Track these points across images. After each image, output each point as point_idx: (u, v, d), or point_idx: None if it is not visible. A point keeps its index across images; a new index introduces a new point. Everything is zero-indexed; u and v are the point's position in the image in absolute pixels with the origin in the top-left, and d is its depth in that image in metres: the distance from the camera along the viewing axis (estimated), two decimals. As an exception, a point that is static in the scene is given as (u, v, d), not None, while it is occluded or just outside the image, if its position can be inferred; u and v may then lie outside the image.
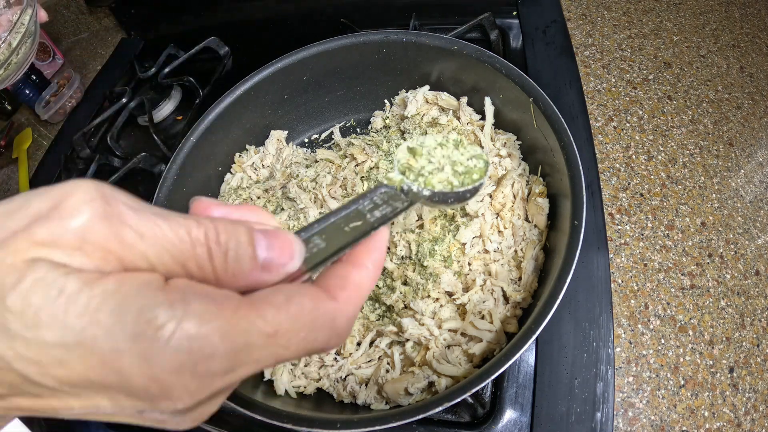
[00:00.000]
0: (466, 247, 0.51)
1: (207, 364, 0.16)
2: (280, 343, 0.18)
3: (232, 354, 0.17)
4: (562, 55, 0.69)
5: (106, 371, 0.16)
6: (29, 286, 0.15)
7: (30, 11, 0.62)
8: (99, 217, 0.17)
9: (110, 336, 0.15)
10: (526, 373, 0.48)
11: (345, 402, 0.48)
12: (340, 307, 0.20)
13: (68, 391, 0.16)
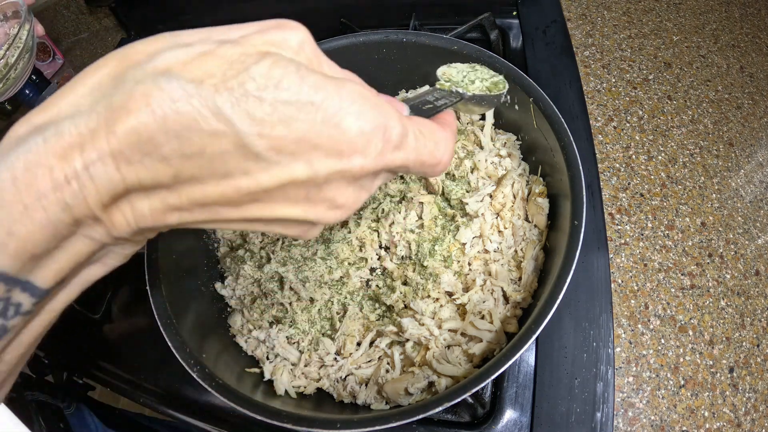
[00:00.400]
0: (466, 247, 0.51)
1: (391, 133, 0.22)
2: (423, 139, 0.24)
3: (402, 135, 0.22)
4: (562, 55, 0.69)
5: (326, 127, 0.19)
6: (270, 62, 0.19)
7: (28, 26, 0.63)
8: (310, 41, 0.23)
9: (339, 97, 0.20)
10: (526, 373, 0.48)
11: (345, 402, 0.48)
12: (446, 134, 0.27)
13: (271, 158, 0.19)
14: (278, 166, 0.19)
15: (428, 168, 0.25)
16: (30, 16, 0.64)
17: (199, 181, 0.19)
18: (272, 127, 0.18)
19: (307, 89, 0.19)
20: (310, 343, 0.51)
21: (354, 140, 0.20)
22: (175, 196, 0.19)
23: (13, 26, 0.66)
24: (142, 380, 0.56)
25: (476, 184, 0.54)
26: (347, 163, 0.20)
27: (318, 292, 0.53)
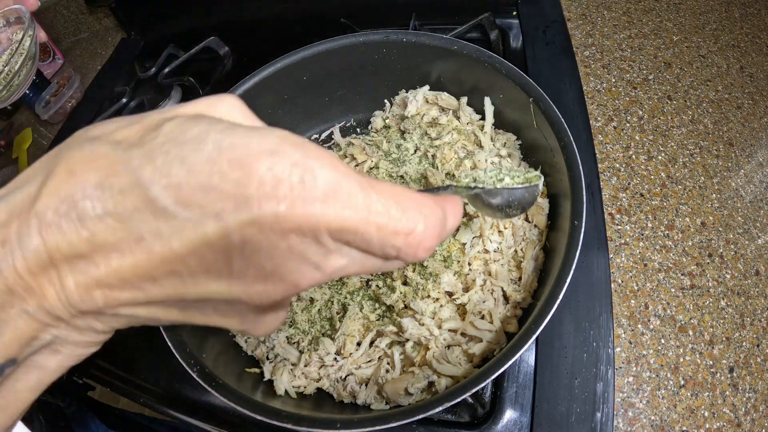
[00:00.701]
0: (466, 247, 0.51)
1: (318, 176, 0.18)
2: (384, 201, 0.20)
3: (338, 183, 0.19)
4: (562, 55, 0.69)
5: (232, 169, 0.17)
6: (184, 119, 0.18)
7: (31, 33, 0.64)
8: (241, 108, 0.21)
9: (252, 138, 0.18)
10: (526, 373, 0.48)
11: (345, 402, 0.48)
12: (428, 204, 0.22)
13: (179, 213, 0.17)
14: (189, 224, 0.17)
15: (391, 238, 0.19)
16: (33, 23, 0.64)
17: (115, 248, 0.17)
18: (177, 176, 0.17)
19: (215, 134, 0.17)
20: (310, 343, 0.51)
21: (262, 180, 0.17)
22: (94, 266, 0.18)
23: (15, 32, 0.67)
24: (142, 380, 0.56)
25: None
26: (257, 211, 0.17)
27: (318, 292, 0.53)
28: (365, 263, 0.21)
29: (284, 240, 0.18)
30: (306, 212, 0.17)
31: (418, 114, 0.62)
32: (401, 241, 0.20)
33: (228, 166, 0.17)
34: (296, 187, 0.17)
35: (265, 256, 0.18)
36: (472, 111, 0.60)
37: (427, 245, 0.20)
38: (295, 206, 0.17)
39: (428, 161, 0.59)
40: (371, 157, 0.60)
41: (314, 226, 0.18)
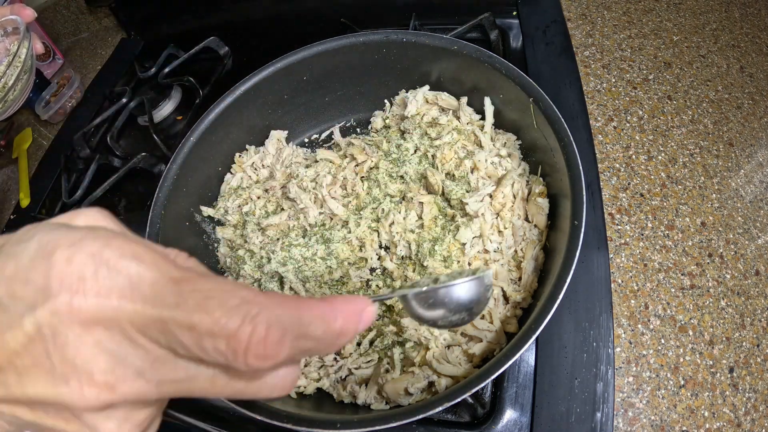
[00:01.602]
0: (466, 247, 0.51)
1: (110, 259, 0.18)
2: (200, 294, 0.19)
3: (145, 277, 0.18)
4: (562, 55, 0.69)
5: (37, 261, 0.18)
6: (34, 225, 0.19)
7: (27, 44, 0.63)
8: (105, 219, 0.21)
9: (70, 235, 0.18)
10: (526, 373, 0.48)
11: (345, 402, 0.48)
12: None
13: (9, 305, 0.18)
14: (16, 317, 0.17)
15: (207, 340, 0.17)
16: (29, 34, 0.63)
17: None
18: (9, 271, 0.18)
19: (41, 234, 0.18)
20: (310, 343, 0.51)
21: (61, 272, 0.17)
22: None
23: (13, 42, 0.66)
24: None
25: (476, 184, 0.54)
26: (54, 301, 0.17)
27: (318, 292, 0.53)
28: (203, 376, 0.19)
29: (89, 334, 0.17)
30: (99, 304, 0.17)
31: (418, 114, 0.62)
32: (223, 345, 0.17)
33: (40, 260, 0.17)
34: (89, 279, 0.17)
35: (74, 351, 0.17)
36: (472, 111, 0.60)
37: (260, 351, 0.17)
38: (86, 297, 0.17)
39: (428, 161, 0.59)
40: (371, 157, 0.60)
41: (114, 319, 0.17)
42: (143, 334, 0.18)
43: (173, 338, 0.17)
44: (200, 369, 0.19)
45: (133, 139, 0.85)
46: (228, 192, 0.64)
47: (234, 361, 0.17)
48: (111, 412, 0.19)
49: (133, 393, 0.18)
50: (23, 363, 0.18)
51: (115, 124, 0.83)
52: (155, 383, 0.19)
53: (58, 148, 0.88)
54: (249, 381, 0.20)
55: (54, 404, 0.18)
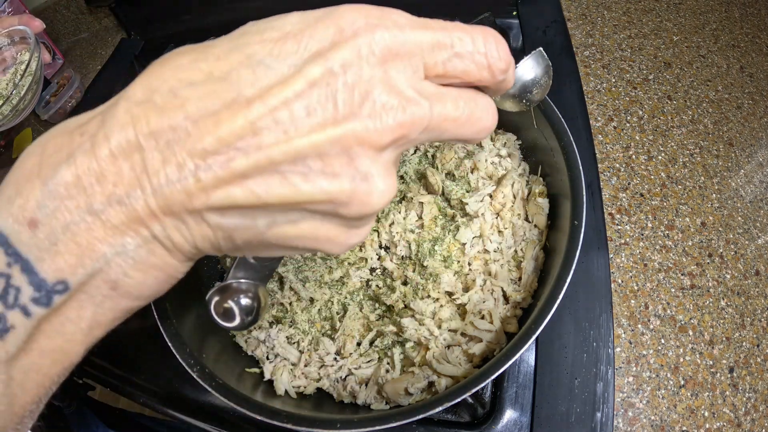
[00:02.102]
0: (466, 247, 0.51)
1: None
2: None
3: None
4: (562, 55, 0.69)
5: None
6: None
7: (37, 55, 0.65)
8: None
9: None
10: (526, 373, 0.48)
11: (345, 402, 0.48)
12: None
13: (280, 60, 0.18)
14: (287, 70, 0.18)
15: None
16: (38, 46, 0.65)
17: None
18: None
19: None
20: (310, 343, 0.51)
21: (353, 17, 0.18)
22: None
23: (20, 51, 0.68)
24: (142, 380, 0.56)
25: (476, 184, 0.54)
26: (352, 42, 0.18)
27: (318, 292, 0.53)
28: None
29: (387, 69, 0.18)
30: (398, 36, 0.19)
31: (418, 114, 0.62)
32: (488, 46, 0.22)
33: (317, 16, 0.19)
34: (385, 18, 0.19)
35: (368, 86, 0.18)
36: (472, 111, 0.60)
37: (503, 55, 0.22)
38: (387, 31, 0.19)
39: (428, 161, 0.59)
40: (371, 157, 0.60)
41: (408, 52, 0.19)
42: (429, 62, 0.20)
43: (451, 52, 0.20)
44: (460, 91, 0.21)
45: (133, 139, 0.85)
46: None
47: (491, 56, 0.21)
48: (390, 149, 0.19)
49: (418, 115, 0.19)
50: (290, 161, 0.18)
51: (115, 124, 0.83)
52: (432, 112, 0.20)
53: (58, 148, 0.88)
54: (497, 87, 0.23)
55: (335, 143, 0.18)
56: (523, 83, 0.31)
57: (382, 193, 0.19)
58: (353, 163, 0.18)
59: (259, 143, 0.17)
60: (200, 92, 0.18)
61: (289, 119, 0.17)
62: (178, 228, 0.19)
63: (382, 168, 0.19)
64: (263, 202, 0.18)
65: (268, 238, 0.20)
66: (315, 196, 0.18)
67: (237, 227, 0.19)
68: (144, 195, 0.18)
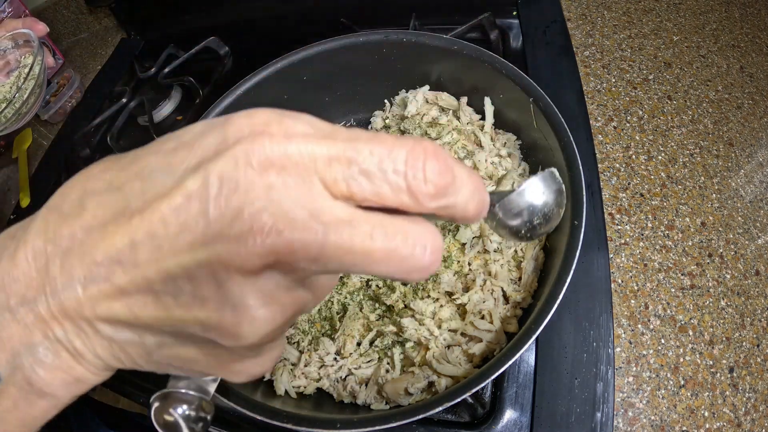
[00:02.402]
0: (466, 247, 0.51)
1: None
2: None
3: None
4: (562, 55, 0.69)
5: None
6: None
7: (40, 59, 0.65)
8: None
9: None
10: (526, 373, 0.48)
11: (345, 402, 0.48)
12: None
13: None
14: (170, 183, 0.17)
15: (389, 159, 0.17)
16: (42, 50, 0.65)
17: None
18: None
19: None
20: (310, 343, 0.51)
21: (241, 125, 0.17)
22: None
23: (24, 54, 0.68)
24: (142, 380, 0.56)
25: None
26: (231, 151, 0.16)
27: (318, 292, 0.53)
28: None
29: (265, 178, 0.16)
30: (287, 148, 0.17)
31: (418, 114, 0.62)
32: (403, 157, 0.18)
33: (212, 127, 0.18)
34: (274, 124, 0.18)
35: (245, 195, 0.16)
36: (472, 111, 0.60)
37: (439, 164, 0.18)
38: (273, 140, 0.17)
39: (428, 161, 0.59)
40: (371, 157, 0.60)
41: (299, 164, 0.17)
42: (327, 178, 0.17)
43: (355, 169, 0.17)
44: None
45: (133, 139, 0.85)
46: (228, 192, 0.63)
47: (413, 177, 0.17)
48: (269, 275, 0.17)
49: (302, 242, 0.16)
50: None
51: (115, 124, 0.83)
52: (322, 229, 0.17)
53: (58, 148, 0.88)
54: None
55: (201, 266, 0.16)
56: (523, 209, 0.25)
57: (255, 322, 0.17)
58: (221, 290, 0.17)
59: (135, 260, 0.17)
60: (97, 202, 0.18)
61: (164, 235, 0.16)
62: (78, 334, 0.19)
63: (259, 295, 0.17)
64: (141, 321, 0.18)
65: (159, 359, 0.20)
66: (186, 321, 0.18)
67: (128, 342, 0.19)
68: (46, 299, 0.18)
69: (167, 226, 0.16)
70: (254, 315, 0.17)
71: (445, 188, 0.18)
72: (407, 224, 0.18)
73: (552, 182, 0.26)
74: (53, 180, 0.83)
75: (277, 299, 0.18)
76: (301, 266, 0.17)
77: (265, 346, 0.20)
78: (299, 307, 0.19)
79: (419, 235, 0.18)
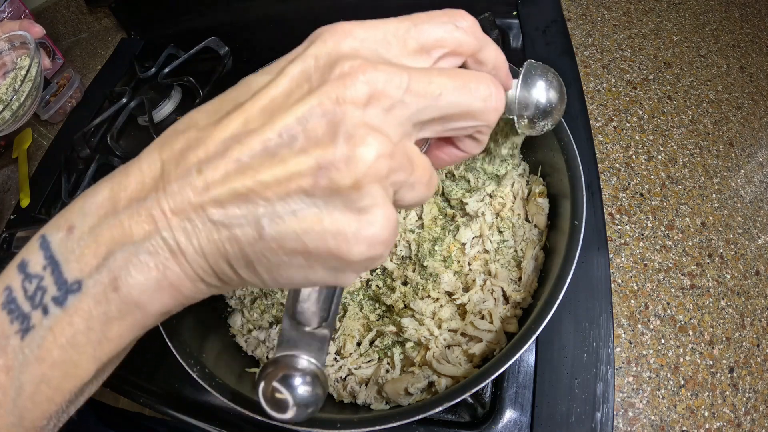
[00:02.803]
0: (466, 247, 0.51)
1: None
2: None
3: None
4: (562, 55, 0.69)
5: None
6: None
7: (37, 60, 0.65)
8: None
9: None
10: (526, 373, 0.48)
11: (345, 402, 0.48)
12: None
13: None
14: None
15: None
16: (39, 52, 0.65)
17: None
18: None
19: None
20: (310, 343, 0.51)
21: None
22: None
23: (20, 56, 0.68)
24: (142, 380, 0.56)
25: (476, 184, 0.54)
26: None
27: (318, 292, 0.53)
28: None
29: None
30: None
31: (418, 114, 0.62)
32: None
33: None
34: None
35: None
36: (472, 111, 0.60)
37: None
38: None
39: (428, 161, 0.59)
40: (371, 157, 0.60)
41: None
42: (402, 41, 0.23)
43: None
44: None
45: (133, 139, 0.85)
46: (228, 192, 0.64)
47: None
48: (373, 107, 0.19)
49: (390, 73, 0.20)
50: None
51: (115, 124, 0.83)
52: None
53: (58, 148, 0.88)
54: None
55: (315, 110, 0.18)
56: (529, 102, 0.30)
57: (367, 147, 0.18)
58: (332, 123, 0.18)
59: (248, 131, 0.19)
60: (206, 113, 0.21)
61: (275, 106, 0.19)
62: (183, 229, 0.19)
63: (367, 125, 0.19)
64: (258, 181, 0.18)
65: (274, 238, 0.19)
66: (300, 169, 0.18)
67: (239, 223, 0.19)
68: (157, 196, 0.19)
69: (275, 99, 0.19)
70: (365, 139, 0.18)
71: (477, 26, 0.23)
72: (463, 71, 0.22)
73: (538, 69, 0.31)
74: (53, 180, 0.83)
75: (382, 130, 0.19)
76: (399, 98, 0.19)
77: (374, 195, 0.19)
78: (404, 147, 0.20)
79: (476, 73, 0.22)
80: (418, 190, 0.21)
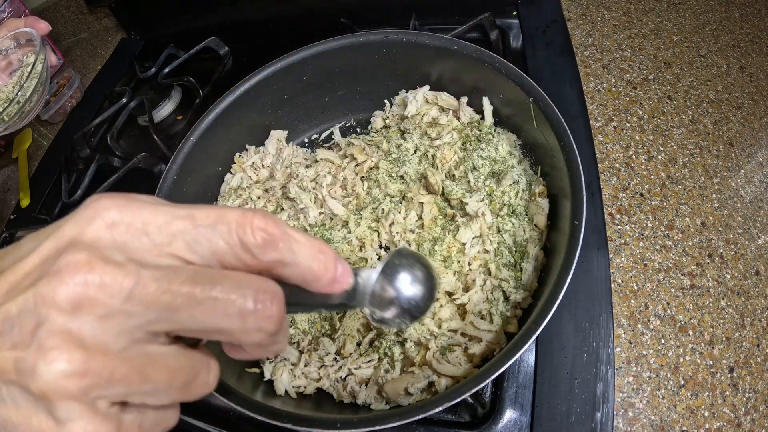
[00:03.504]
0: (466, 247, 0.51)
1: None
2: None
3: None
4: (562, 55, 0.69)
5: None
6: None
7: (43, 57, 0.64)
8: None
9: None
10: (526, 373, 0.48)
11: (345, 402, 0.48)
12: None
13: None
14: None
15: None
16: (44, 48, 0.65)
17: None
18: None
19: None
20: (310, 343, 0.51)
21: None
22: None
23: (27, 54, 0.68)
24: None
25: (476, 184, 0.54)
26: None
27: (318, 292, 0.53)
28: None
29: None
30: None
31: (418, 114, 0.62)
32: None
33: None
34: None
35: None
36: (472, 111, 0.60)
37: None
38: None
39: (428, 161, 0.59)
40: (371, 157, 0.60)
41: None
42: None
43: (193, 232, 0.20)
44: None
45: (133, 139, 0.85)
46: (228, 192, 0.64)
47: (243, 232, 0.20)
48: (79, 316, 0.18)
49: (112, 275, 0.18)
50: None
51: (115, 124, 0.83)
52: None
53: (58, 148, 0.88)
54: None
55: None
56: (392, 297, 0.26)
57: (55, 365, 0.17)
58: (35, 331, 0.17)
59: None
60: None
61: (14, 284, 0.18)
62: None
63: (64, 337, 0.17)
64: None
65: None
66: (6, 361, 0.17)
67: None
68: None
69: (17, 279, 0.18)
70: (49, 354, 0.17)
71: (275, 238, 0.20)
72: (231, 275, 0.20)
73: (406, 259, 0.26)
74: (53, 180, 0.83)
75: (90, 339, 0.18)
76: (112, 304, 0.18)
77: (69, 409, 0.18)
78: (129, 356, 0.18)
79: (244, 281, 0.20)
80: (159, 398, 0.19)
